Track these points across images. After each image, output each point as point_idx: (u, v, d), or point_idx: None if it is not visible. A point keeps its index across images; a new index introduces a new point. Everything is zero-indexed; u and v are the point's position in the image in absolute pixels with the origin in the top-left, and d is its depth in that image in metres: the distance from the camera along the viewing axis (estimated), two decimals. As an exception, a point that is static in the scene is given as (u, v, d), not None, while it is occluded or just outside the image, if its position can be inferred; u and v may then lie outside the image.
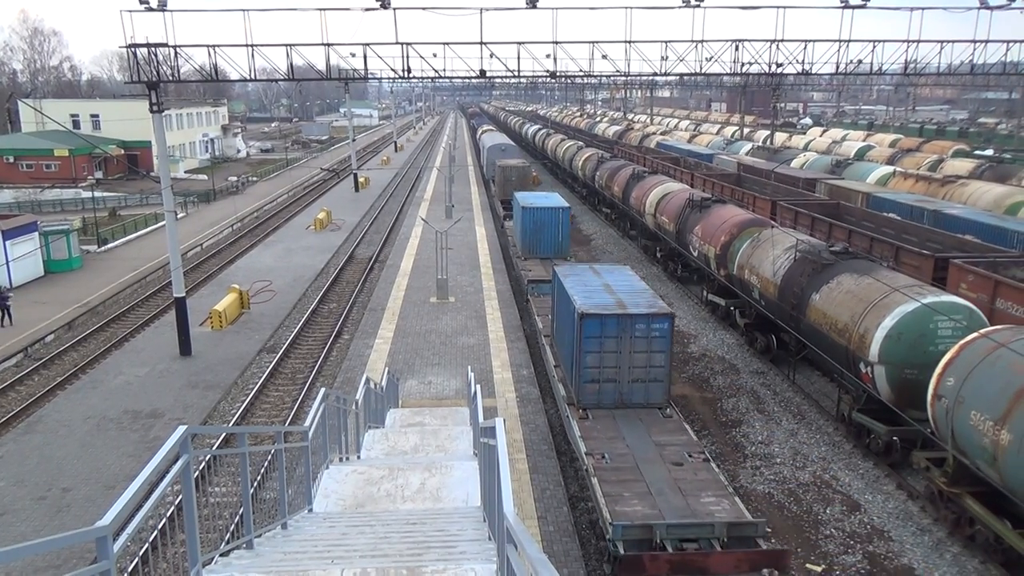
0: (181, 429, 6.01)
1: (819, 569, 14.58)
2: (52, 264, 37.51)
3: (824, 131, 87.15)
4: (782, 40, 27.19)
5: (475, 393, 13.52)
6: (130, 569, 13.65)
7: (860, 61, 28.94)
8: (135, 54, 23.18)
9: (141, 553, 14.20)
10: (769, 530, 15.76)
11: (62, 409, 22.04)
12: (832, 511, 16.47)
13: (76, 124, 77.40)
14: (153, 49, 23.29)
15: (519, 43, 26.01)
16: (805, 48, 27.62)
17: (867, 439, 18.55)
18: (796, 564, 14.66)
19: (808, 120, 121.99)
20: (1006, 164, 48.78)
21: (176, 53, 23.67)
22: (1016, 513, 13.67)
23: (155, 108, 23.83)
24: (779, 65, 27.82)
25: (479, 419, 11.57)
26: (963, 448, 14.18)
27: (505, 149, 62.29)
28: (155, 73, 23.43)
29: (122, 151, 74.10)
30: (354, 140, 73.22)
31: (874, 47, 27.89)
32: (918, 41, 27.49)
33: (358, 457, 13.50)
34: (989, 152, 64.99)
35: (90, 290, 34.59)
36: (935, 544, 15.06)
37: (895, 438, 17.49)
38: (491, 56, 26.02)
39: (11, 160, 69.03)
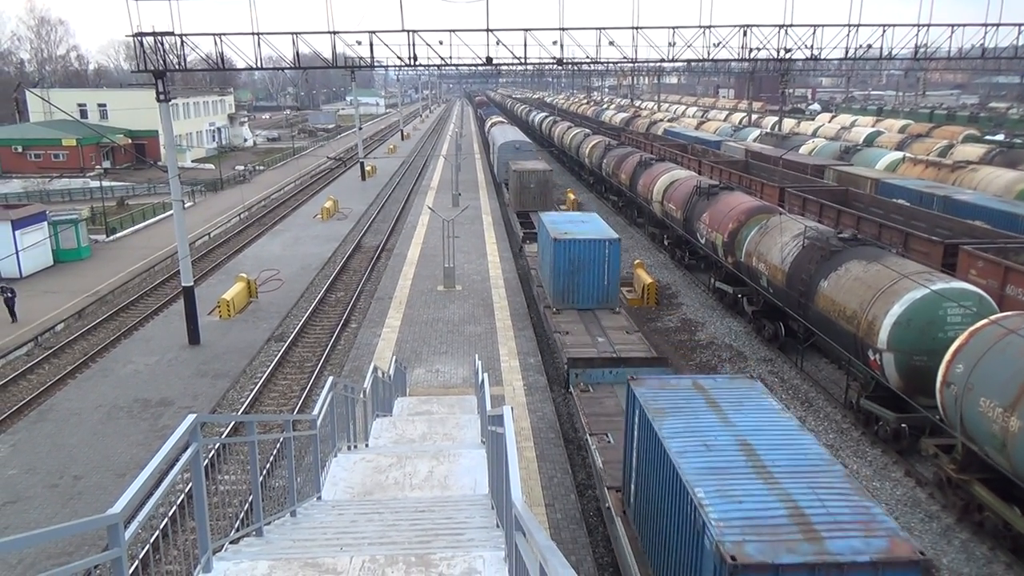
0: (191, 418, 6.04)
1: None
2: (61, 254, 37.66)
3: (833, 117, 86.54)
4: (791, 25, 27.00)
5: (483, 381, 13.54)
6: (141, 556, 13.76)
7: (870, 46, 28.72)
8: (142, 43, 23.17)
9: (152, 540, 14.32)
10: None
11: (73, 398, 22.19)
12: (840, 498, 16.44)
13: (84, 114, 77.51)
14: (159, 38, 23.27)
15: (525, 30, 25.90)
16: (814, 33, 27.42)
17: (875, 426, 18.52)
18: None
19: (817, 106, 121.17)
20: (1017, 149, 48.31)
21: (182, 42, 23.65)
22: (1025, 500, 13.66)
23: (162, 97, 23.84)
24: (788, 50, 27.64)
25: (487, 407, 11.60)
26: (972, 435, 14.14)
27: (520, 147, 54.04)
28: (162, 62, 23.42)
29: (129, 140, 74.20)
30: (360, 128, 73.15)
31: (884, 31, 27.67)
32: (928, 25, 27.27)
33: (366, 445, 13.55)
34: (1000, 137, 64.41)
35: (99, 279, 34.73)
36: (944, 530, 15.05)
37: (904, 425, 17.46)
38: (497, 43, 25.95)
39: (19, 150, 69.22)
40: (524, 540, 4.56)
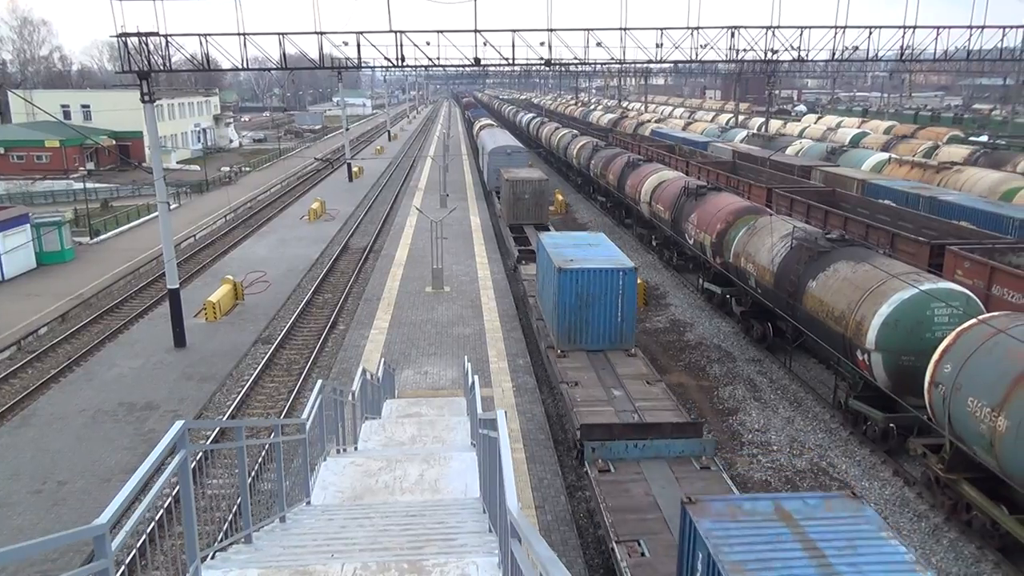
0: (178, 424, 5.93)
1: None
2: (44, 256, 37.26)
3: (819, 118, 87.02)
4: (778, 27, 27.09)
5: (473, 383, 13.47)
6: (128, 561, 13.59)
7: (856, 47, 28.85)
8: (126, 43, 22.95)
9: (138, 546, 14.14)
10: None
11: (56, 402, 21.93)
12: (829, 498, 16.47)
13: (67, 115, 76.81)
14: (144, 38, 23.05)
15: (513, 31, 25.85)
16: (801, 35, 27.52)
17: (864, 426, 18.58)
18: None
19: (803, 107, 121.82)
20: (1001, 150, 48.78)
21: (167, 42, 23.44)
22: (1013, 498, 13.73)
23: (146, 98, 23.60)
24: (774, 52, 27.72)
25: (477, 410, 11.53)
26: (960, 434, 14.20)
27: (512, 153, 50.15)
28: (146, 63, 23.20)
29: (113, 142, 73.59)
30: (347, 129, 72.86)
31: (870, 33, 27.80)
32: (915, 27, 27.42)
33: (355, 448, 13.44)
34: (984, 138, 64.98)
35: (83, 282, 34.39)
36: (932, 530, 15.11)
37: (892, 425, 17.52)
38: (485, 44, 25.88)
39: (2, 151, 68.50)
40: (520, 547, 4.50)
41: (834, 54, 28.08)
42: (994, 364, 13.55)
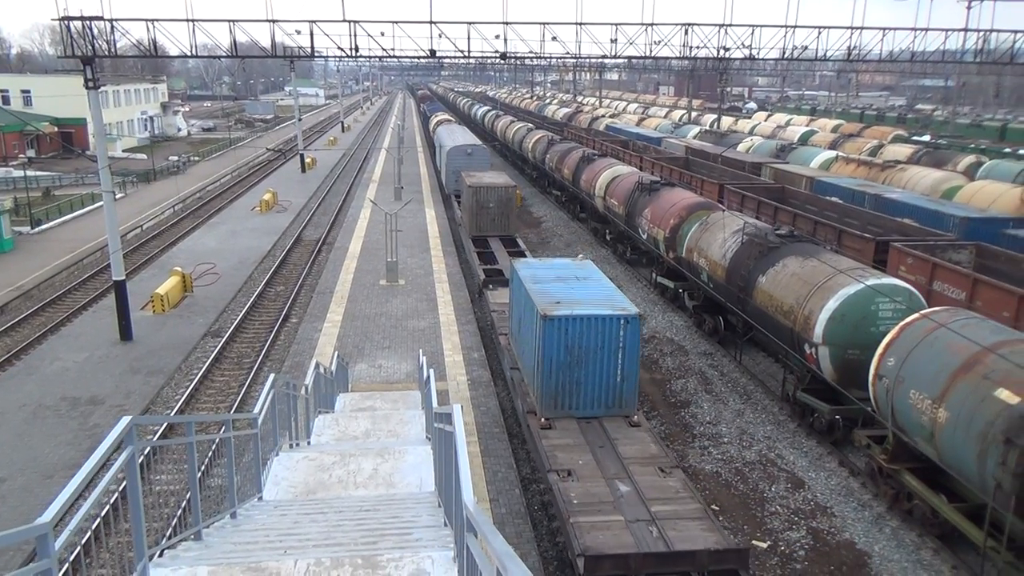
0: (125, 420, 5.79)
1: (764, 545, 14.92)
2: (-18, 246, 35.99)
3: (769, 116, 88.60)
4: (730, 24, 27.47)
5: (428, 377, 13.42)
6: (71, 559, 13.23)
7: (805, 47, 29.42)
8: (68, 27, 22.22)
9: (83, 543, 13.78)
10: (716, 508, 16.08)
11: (-5, 397, 21.21)
12: (777, 488, 16.86)
13: (6, 100, 74.15)
14: (88, 22, 22.35)
15: (469, 23, 25.74)
16: (752, 33, 27.96)
17: (811, 418, 19.02)
18: (742, 541, 14.98)
19: (753, 105, 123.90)
20: (943, 150, 50.32)
21: (112, 27, 22.77)
22: (952, 488, 14.20)
23: (90, 84, 22.90)
24: (727, 49, 28.11)
25: (433, 403, 11.49)
26: (902, 426, 14.63)
27: (472, 153, 46.22)
28: (90, 47, 22.51)
29: (55, 128, 71.29)
30: (300, 120, 71.76)
31: (819, 33, 28.37)
32: (862, 28, 28.06)
33: (308, 443, 13.30)
34: (926, 138, 66.94)
35: (23, 273, 33.28)
36: (875, 519, 15.55)
37: (838, 417, 17.97)
38: (440, 36, 25.70)
39: (-64, 137, 65.89)
40: (476, 541, 4.50)
41: (784, 53, 28.62)
42: (935, 358, 13.98)
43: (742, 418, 20.21)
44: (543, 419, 16.10)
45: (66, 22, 22.19)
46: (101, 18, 22.49)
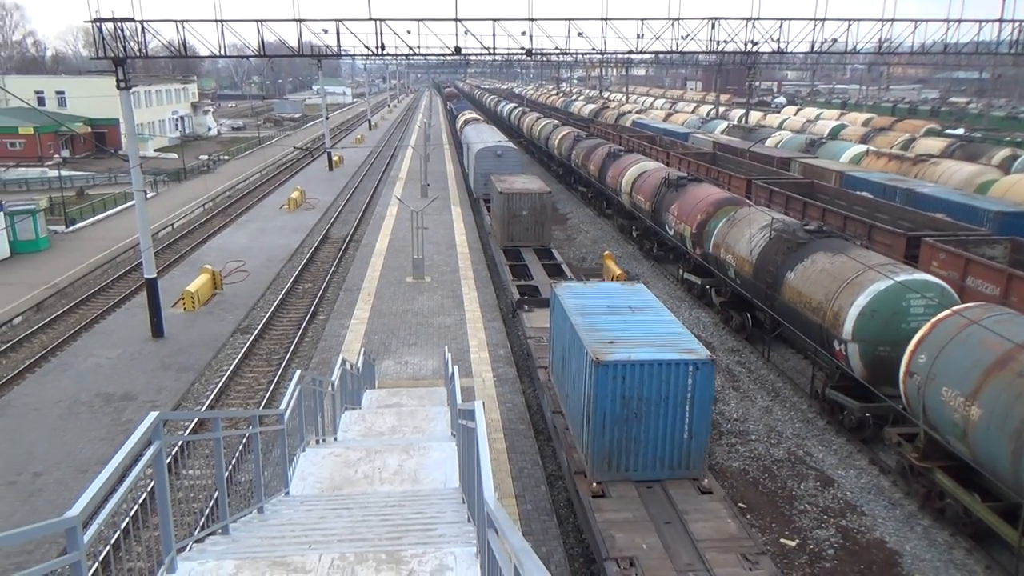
0: (152, 415, 5.88)
1: (794, 543, 14.78)
2: (18, 245, 36.71)
3: (798, 110, 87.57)
4: (758, 18, 27.18)
5: (453, 374, 13.46)
6: (102, 557, 13.48)
7: (835, 40, 29.03)
8: (100, 29, 22.59)
9: (113, 540, 14.03)
10: (743, 505, 15.96)
11: (31, 392, 21.66)
12: (806, 486, 16.68)
13: (41, 101, 75.62)
14: (119, 24, 22.70)
15: (494, 20, 25.75)
16: (781, 27, 27.65)
17: (840, 415, 18.79)
18: (771, 539, 14.85)
19: (782, 99, 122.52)
20: (976, 143, 49.34)
21: (143, 28, 23.10)
22: (985, 486, 13.94)
23: (122, 85, 23.27)
24: (755, 43, 27.83)
25: (457, 400, 11.52)
26: (934, 423, 14.40)
27: (502, 154, 43.31)
28: (122, 49, 22.86)
29: (89, 129, 72.56)
30: (327, 118, 72.29)
31: (849, 26, 27.98)
32: (893, 20, 27.62)
33: (335, 439, 13.41)
34: (960, 131, 65.69)
35: (58, 271, 33.93)
36: (906, 518, 15.32)
37: (868, 414, 17.73)
38: (466, 33, 25.75)
39: (-26, 138, 67.37)
40: (497, 538, 4.51)
41: (813, 46, 28.27)
42: (967, 354, 13.74)
43: (770, 415, 20.02)
44: (594, 483, 13.26)
45: (98, 24, 22.57)
46: (132, 20, 22.83)
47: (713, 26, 27.25)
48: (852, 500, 16.09)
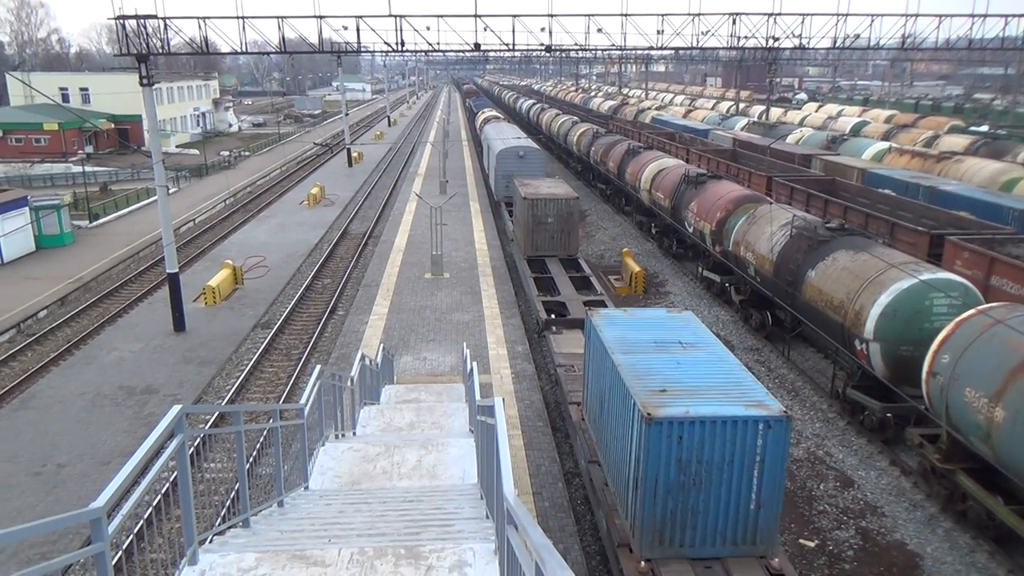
0: (175, 409, 5.94)
1: (812, 544, 14.68)
2: (43, 239, 37.21)
3: (820, 106, 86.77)
4: (780, 14, 26.96)
5: (471, 370, 13.48)
6: (125, 546, 13.65)
7: (857, 35, 28.75)
8: (124, 26, 22.81)
9: (136, 530, 14.20)
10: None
11: (56, 385, 21.96)
12: (826, 487, 16.56)
13: (65, 98, 76.49)
14: (142, 21, 22.92)
15: (514, 16, 25.73)
16: (803, 22, 27.42)
17: (861, 416, 18.63)
18: (789, 540, 14.77)
19: (803, 95, 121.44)
20: (1001, 140, 48.65)
21: (166, 25, 23.31)
22: (1008, 489, 13.77)
23: (145, 81, 23.49)
24: (776, 39, 27.61)
25: (476, 396, 11.54)
26: (957, 425, 14.24)
27: (525, 155, 41.13)
28: (144, 45, 23.07)
29: (112, 125, 73.32)
30: (347, 114, 72.59)
31: (872, 21, 27.69)
32: (916, 15, 27.29)
33: (354, 434, 13.48)
34: (984, 128, 64.81)
35: (82, 265, 34.35)
36: (927, 519, 15.18)
37: (889, 415, 17.57)
38: (485, 29, 25.81)
39: (0, 134, 68.25)
40: (516, 534, 4.51)
41: (836, 42, 27.98)
42: (992, 355, 13.56)
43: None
44: (643, 562, 11.11)
45: (121, 21, 22.79)
46: (155, 16, 23.05)
47: (734, 21, 27.06)
48: (872, 501, 15.95)
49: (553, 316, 23.19)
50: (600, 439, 14.02)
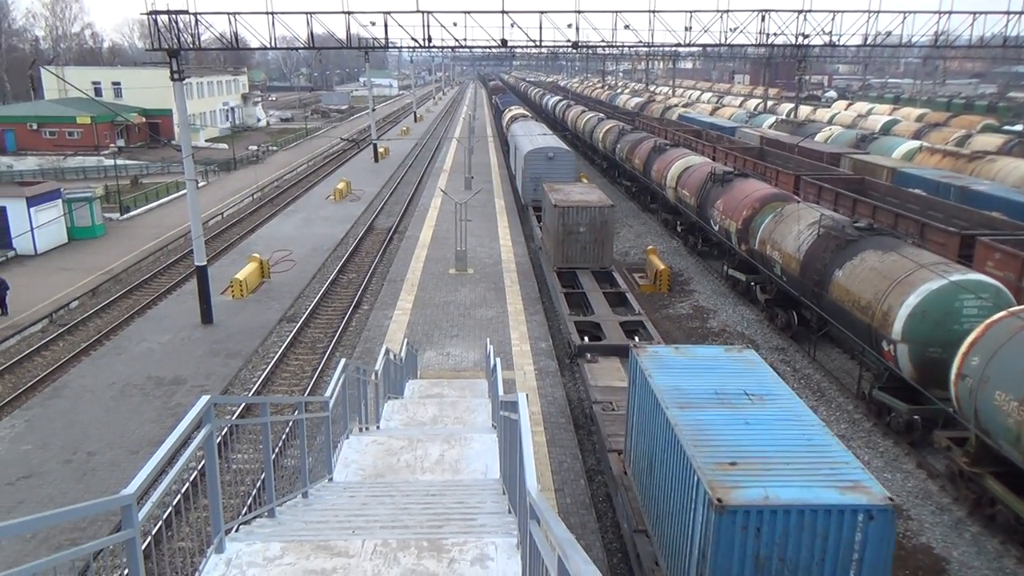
0: (204, 399, 6.04)
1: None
2: (75, 231, 37.83)
3: (849, 104, 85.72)
4: (810, 10, 26.66)
5: (495, 366, 13.52)
6: (154, 532, 13.87)
7: (889, 32, 28.35)
8: (156, 21, 23.11)
9: (164, 517, 14.43)
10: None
11: (87, 375, 22.34)
12: (850, 488, 16.39)
13: (98, 92, 77.59)
14: (174, 16, 23.20)
15: (541, 12, 25.67)
16: (833, 19, 27.08)
17: (888, 417, 18.42)
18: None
19: (833, 93, 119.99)
20: (1037, 140, 47.70)
21: (196, 20, 23.57)
22: (1038, 494, 13.58)
23: (176, 76, 23.79)
24: (805, 36, 27.30)
25: (499, 392, 11.58)
26: (986, 428, 14.03)
27: (554, 156, 39.37)
28: (176, 41, 23.36)
29: (143, 119, 74.33)
30: (374, 110, 72.94)
31: (904, 18, 27.29)
32: (950, 12, 26.85)
33: (377, 427, 13.58)
34: (1018, 128, 63.62)
35: (113, 257, 34.90)
36: (955, 523, 14.99)
37: (916, 417, 17.36)
38: (512, 25, 25.78)
39: (35, 127, 69.46)
40: (539, 529, 4.54)
41: (866, 39, 27.64)
42: (1023, 357, 13.35)
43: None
44: None
45: (154, 16, 23.08)
46: (186, 12, 23.31)
47: (763, 18, 26.80)
48: (899, 504, 15.77)
49: (586, 340, 21.16)
50: (649, 507, 11.85)
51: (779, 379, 11.73)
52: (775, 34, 27.25)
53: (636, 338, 21.26)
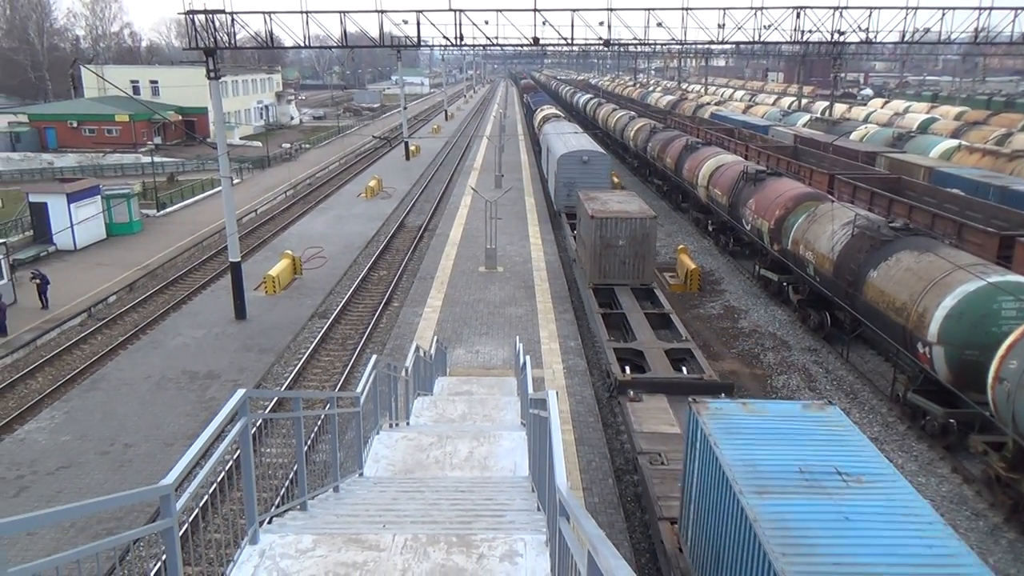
0: (240, 393, 6.16)
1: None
2: (114, 227, 38.58)
3: (886, 102, 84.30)
4: (846, 7, 26.32)
5: (524, 363, 13.56)
6: (190, 520, 14.12)
7: (927, 29, 27.88)
8: (193, 20, 23.48)
9: (199, 507, 14.69)
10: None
11: (124, 368, 22.80)
12: (883, 492, 16.18)
13: (136, 90, 79.00)
14: (210, 15, 23.55)
15: (573, 10, 25.64)
16: (870, 15, 26.72)
17: (922, 421, 18.14)
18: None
19: (869, 91, 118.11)
20: (1080, 139, 46.55)
21: (232, 20, 23.90)
22: (1078, 501, 13.30)
23: (212, 75, 24.15)
24: (841, 33, 26.97)
25: (528, 389, 11.62)
26: (1024, 433, 13.78)
27: (589, 160, 37.31)
28: (212, 40, 23.71)
29: (180, 117, 75.51)
30: (405, 108, 73.32)
31: (943, 14, 26.83)
32: (991, 8, 26.34)
33: (407, 423, 13.70)
34: (1062, 126, 62.08)
35: (149, 253, 35.53)
36: (991, 529, 14.73)
37: (952, 420, 17.08)
38: (544, 23, 25.81)
39: (75, 125, 70.92)
40: (568, 526, 4.57)
41: (904, 36, 27.22)
42: (1063, 361, 13.09)
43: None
44: None
45: (191, 16, 23.46)
46: (223, 11, 23.66)
47: (798, 15, 26.51)
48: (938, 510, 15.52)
49: (628, 372, 18.37)
50: None
51: (876, 450, 9.17)
52: (810, 31, 26.96)
53: (684, 368, 19.04)
